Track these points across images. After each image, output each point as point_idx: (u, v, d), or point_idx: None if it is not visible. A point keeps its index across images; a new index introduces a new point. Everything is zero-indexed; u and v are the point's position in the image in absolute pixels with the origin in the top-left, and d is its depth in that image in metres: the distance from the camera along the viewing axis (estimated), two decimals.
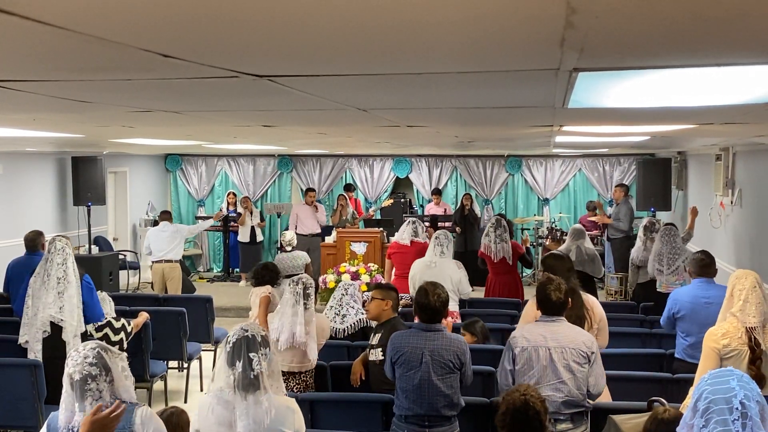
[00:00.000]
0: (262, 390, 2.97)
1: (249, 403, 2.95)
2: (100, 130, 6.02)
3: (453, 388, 3.95)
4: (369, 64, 2.25)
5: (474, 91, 3.08)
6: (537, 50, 1.97)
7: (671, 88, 2.88)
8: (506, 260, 7.44)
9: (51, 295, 5.22)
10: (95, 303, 5.53)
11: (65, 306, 5.22)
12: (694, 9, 1.48)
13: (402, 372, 3.99)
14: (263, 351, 3.01)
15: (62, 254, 5.30)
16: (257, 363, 2.97)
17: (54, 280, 5.24)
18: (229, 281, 13.06)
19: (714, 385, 2.24)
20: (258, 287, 5.75)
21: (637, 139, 7.36)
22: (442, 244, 6.58)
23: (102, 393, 2.76)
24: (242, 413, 2.95)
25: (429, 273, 6.28)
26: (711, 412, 2.19)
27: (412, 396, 3.94)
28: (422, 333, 4.02)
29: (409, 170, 14.03)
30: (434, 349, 3.94)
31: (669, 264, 6.82)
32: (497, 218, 7.67)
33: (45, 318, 5.21)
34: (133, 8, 1.47)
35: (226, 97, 3.33)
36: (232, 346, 3.02)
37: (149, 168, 14.01)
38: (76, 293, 5.28)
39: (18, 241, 7.53)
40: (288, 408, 3.06)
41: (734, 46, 1.93)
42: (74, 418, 2.74)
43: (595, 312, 4.68)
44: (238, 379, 2.97)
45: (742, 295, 3.88)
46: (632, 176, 12.82)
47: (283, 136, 7.24)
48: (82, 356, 2.78)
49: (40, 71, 2.47)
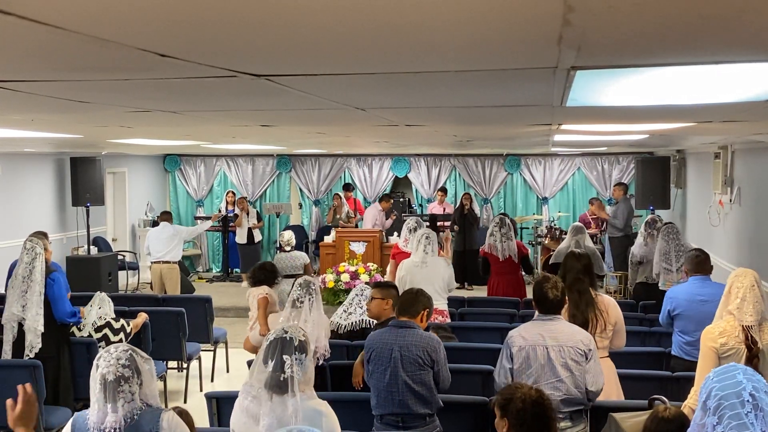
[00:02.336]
0: (290, 394, 2.91)
1: (274, 403, 2.92)
2: (99, 130, 6.02)
3: (425, 385, 3.93)
4: (367, 63, 2.25)
5: (472, 90, 3.08)
6: (534, 49, 1.97)
7: (669, 86, 2.88)
8: (512, 259, 7.38)
9: (16, 293, 5.28)
10: (57, 299, 5.43)
11: (27, 304, 5.26)
12: (691, 6, 1.48)
13: (373, 369, 4.00)
14: (298, 356, 2.96)
15: (31, 254, 5.34)
16: (289, 366, 2.92)
17: (19, 279, 5.29)
18: (229, 281, 13.05)
19: (721, 381, 2.24)
20: (255, 288, 5.74)
21: (636, 137, 7.37)
22: (431, 242, 6.48)
23: (134, 396, 2.77)
24: (267, 412, 2.91)
25: (420, 273, 6.26)
26: (723, 408, 2.19)
27: (383, 394, 3.95)
28: (394, 330, 4.05)
29: (408, 170, 14.04)
30: (404, 345, 3.95)
31: (677, 260, 6.81)
32: (501, 217, 7.63)
33: (9, 317, 5.27)
34: (131, 8, 1.46)
35: (225, 97, 3.33)
36: (268, 344, 2.99)
37: (148, 168, 14.01)
38: (38, 291, 5.30)
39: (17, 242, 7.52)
40: (316, 411, 3.01)
41: (732, 43, 1.93)
42: (106, 419, 2.74)
43: (610, 314, 4.59)
44: (268, 378, 2.94)
45: (740, 294, 3.88)
46: (631, 174, 12.83)
47: (282, 135, 7.24)
48: (115, 357, 2.77)
49: (38, 71, 2.47)
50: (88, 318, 5.79)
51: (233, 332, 8.29)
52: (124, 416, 2.74)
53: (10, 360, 5.28)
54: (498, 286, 7.55)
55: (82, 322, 5.73)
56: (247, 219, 12.43)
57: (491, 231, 7.44)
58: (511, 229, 7.54)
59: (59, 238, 10.72)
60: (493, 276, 7.63)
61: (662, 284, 6.93)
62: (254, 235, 12.50)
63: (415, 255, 6.52)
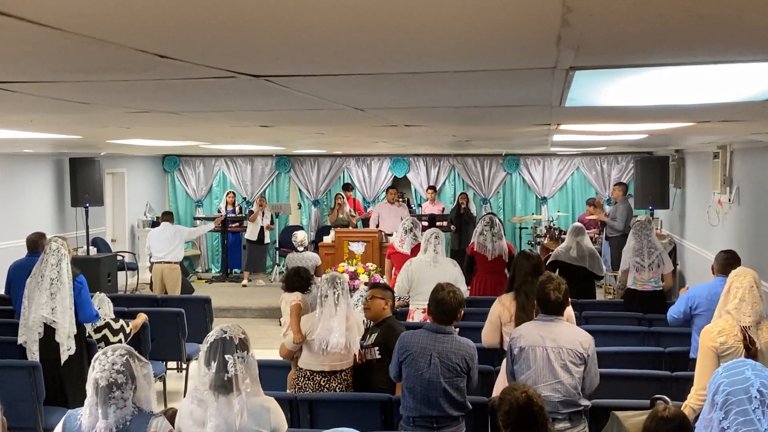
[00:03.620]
0: (235, 392, 2.96)
1: (221, 403, 2.95)
2: (98, 131, 6.02)
3: (460, 390, 3.95)
4: (366, 63, 2.25)
5: (471, 90, 3.08)
6: (533, 49, 1.98)
7: (668, 86, 2.88)
8: (501, 259, 7.36)
9: (44, 296, 5.21)
10: (84, 302, 5.47)
11: (57, 307, 5.21)
12: (689, 6, 1.48)
13: (409, 372, 3.97)
14: (240, 354, 2.99)
15: (57, 255, 5.28)
16: (232, 365, 2.96)
17: (47, 281, 5.23)
18: (228, 282, 13.05)
19: (730, 377, 2.25)
20: (288, 293, 5.73)
21: (635, 137, 7.37)
22: (440, 242, 6.51)
23: (126, 402, 2.77)
24: (213, 413, 2.95)
25: (431, 272, 6.24)
26: (730, 403, 2.20)
27: (419, 397, 3.93)
28: (432, 334, 3.99)
29: (407, 170, 14.04)
30: (443, 352, 3.92)
31: (648, 257, 6.82)
32: (491, 216, 7.60)
33: (37, 319, 5.21)
34: (130, 9, 1.46)
35: (224, 98, 3.33)
36: (209, 347, 3.02)
37: (147, 169, 14.00)
38: (68, 294, 5.27)
39: (16, 243, 7.53)
40: (263, 407, 3.05)
41: (731, 43, 1.93)
42: (97, 424, 2.74)
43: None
44: (212, 380, 2.97)
45: (739, 294, 3.89)
46: (630, 174, 12.83)
47: (281, 136, 7.24)
48: (110, 362, 2.77)
49: (37, 72, 2.47)
50: None
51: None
52: (116, 422, 2.75)
53: (11, 361, 5.28)
54: (484, 286, 7.42)
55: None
56: (262, 218, 12.43)
57: (481, 230, 7.32)
58: (501, 229, 7.54)
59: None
60: (479, 275, 7.51)
61: (632, 283, 6.92)
62: (265, 235, 12.50)
63: (424, 254, 6.51)
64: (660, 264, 6.84)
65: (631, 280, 6.92)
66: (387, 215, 11.61)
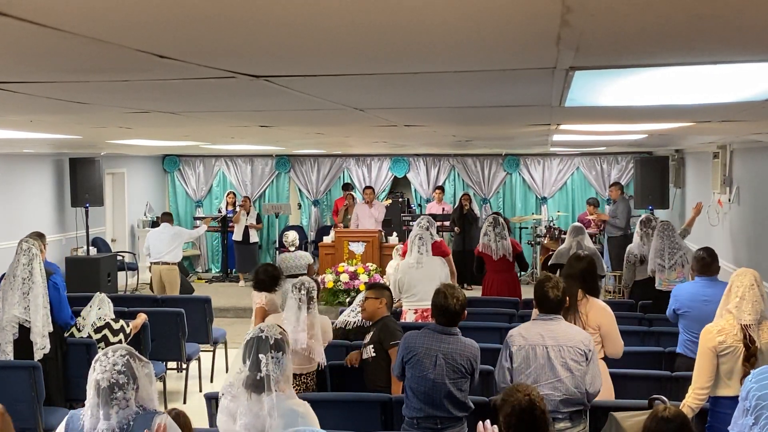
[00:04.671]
0: (266, 392, 2.94)
1: (252, 402, 2.94)
2: (98, 131, 6.02)
3: (463, 391, 3.95)
4: (366, 63, 2.25)
5: (471, 90, 3.08)
6: (533, 49, 1.98)
7: (668, 86, 2.88)
8: (506, 258, 7.41)
9: (16, 295, 5.24)
10: (60, 303, 5.48)
11: (30, 306, 5.23)
12: (689, 7, 1.48)
13: (414, 373, 3.95)
14: (274, 354, 2.97)
15: (28, 255, 5.31)
16: (265, 365, 2.94)
17: (19, 280, 5.26)
18: (228, 282, 13.05)
19: (760, 381, 2.25)
20: (256, 292, 5.71)
21: (635, 137, 7.37)
22: (424, 243, 6.43)
23: (129, 402, 2.76)
24: (244, 411, 2.94)
25: (417, 274, 6.27)
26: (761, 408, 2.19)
27: (422, 397, 3.92)
28: (437, 335, 3.97)
29: (407, 170, 14.04)
30: (448, 353, 3.91)
31: (670, 258, 6.83)
32: (494, 216, 7.64)
33: (10, 318, 5.23)
34: (129, 9, 1.46)
35: (224, 98, 3.33)
36: (245, 345, 3.02)
37: (147, 169, 14.00)
38: (41, 293, 5.28)
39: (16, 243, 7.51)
40: (294, 411, 3.01)
41: (730, 43, 1.93)
42: (99, 425, 2.73)
43: (590, 316, 4.53)
44: (245, 378, 2.97)
45: (739, 293, 3.90)
46: (630, 174, 12.84)
47: (281, 136, 7.24)
48: (111, 363, 2.75)
49: (36, 73, 2.47)
50: (87, 319, 5.79)
51: (233, 333, 8.28)
52: (118, 422, 2.73)
53: (10, 361, 5.28)
54: (493, 285, 7.57)
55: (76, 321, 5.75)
56: (246, 218, 12.41)
57: (485, 231, 7.46)
58: (505, 228, 7.56)
59: (58, 238, 10.72)
60: (488, 275, 7.65)
61: (658, 284, 6.94)
62: (250, 235, 12.47)
63: (409, 256, 6.52)
64: (684, 263, 6.83)
65: (657, 282, 6.93)
66: (362, 215, 11.66)
